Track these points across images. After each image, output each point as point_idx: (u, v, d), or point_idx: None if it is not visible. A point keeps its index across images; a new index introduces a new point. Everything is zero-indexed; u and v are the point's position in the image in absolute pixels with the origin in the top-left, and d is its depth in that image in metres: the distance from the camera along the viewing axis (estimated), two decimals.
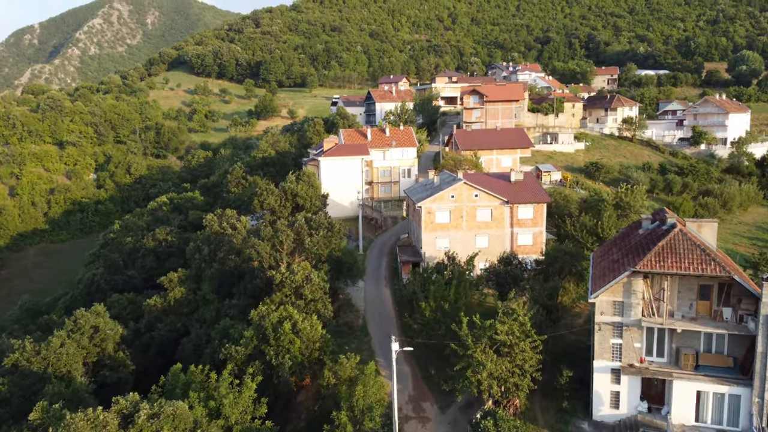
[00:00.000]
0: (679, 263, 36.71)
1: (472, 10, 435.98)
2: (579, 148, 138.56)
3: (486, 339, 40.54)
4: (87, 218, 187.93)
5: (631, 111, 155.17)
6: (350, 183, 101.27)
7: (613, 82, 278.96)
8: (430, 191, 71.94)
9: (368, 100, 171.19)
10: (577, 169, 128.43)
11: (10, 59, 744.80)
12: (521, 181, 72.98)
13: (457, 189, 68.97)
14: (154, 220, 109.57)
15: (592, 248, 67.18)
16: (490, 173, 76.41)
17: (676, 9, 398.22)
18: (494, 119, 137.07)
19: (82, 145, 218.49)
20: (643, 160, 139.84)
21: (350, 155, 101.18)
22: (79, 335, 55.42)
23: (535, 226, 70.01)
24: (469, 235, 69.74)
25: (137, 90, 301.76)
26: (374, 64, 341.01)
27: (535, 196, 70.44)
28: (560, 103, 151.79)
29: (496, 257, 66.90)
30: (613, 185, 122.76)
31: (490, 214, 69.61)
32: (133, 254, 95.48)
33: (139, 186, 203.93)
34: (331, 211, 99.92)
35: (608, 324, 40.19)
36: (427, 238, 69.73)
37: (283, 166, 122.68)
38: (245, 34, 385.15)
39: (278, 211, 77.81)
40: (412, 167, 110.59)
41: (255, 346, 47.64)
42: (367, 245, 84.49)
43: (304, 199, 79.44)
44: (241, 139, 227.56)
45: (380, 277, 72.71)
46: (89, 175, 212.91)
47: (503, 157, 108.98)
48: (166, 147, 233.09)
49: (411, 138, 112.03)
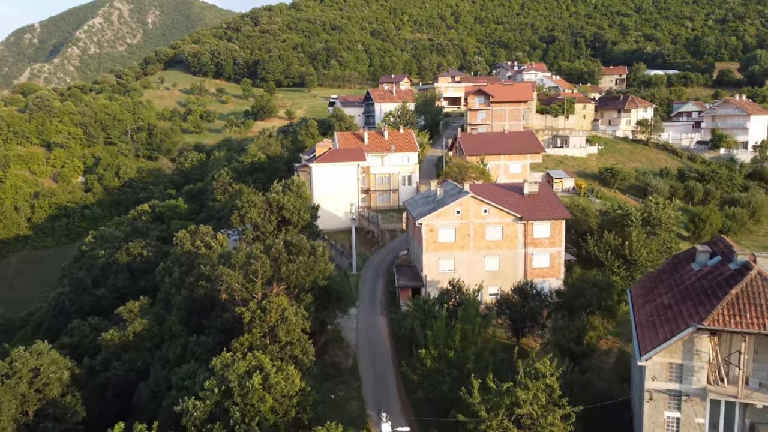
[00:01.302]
0: (763, 320, 27.87)
1: (475, 8, 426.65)
2: (591, 152, 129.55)
3: (504, 409, 31.66)
4: (73, 224, 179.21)
5: (646, 112, 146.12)
6: (345, 191, 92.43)
7: (622, 82, 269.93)
8: (433, 205, 63.10)
9: (367, 101, 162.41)
10: (590, 175, 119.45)
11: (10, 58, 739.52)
12: (536, 194, 64.07)
13: (463, 203, 60.10)
14: (132, 231, 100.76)
15: (619, 272, 58.39)
16: (501, 184, 67.58)
17: (684, 8, 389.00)
18: (501, 121, 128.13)
19: (70, 146, 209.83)
20: (659, 165, 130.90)
21: (345, 161, 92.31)
22: (15, 380, 46.71)
23: (553, 246, 61.11)
24: (476, 256, 60.87)
25: (131, 90, 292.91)
26: (375, 63, 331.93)
27: (553, 211, 61.55)
28: (571, 104, 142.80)
29: (508, 282, 58.19)
30: (631, 193, 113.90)
31: (502, 232, 60.73)
32: (107, 270, 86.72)
33: (129, 190, 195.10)
34: (324, 222, 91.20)
35: (662, 392, 31.31)
36: (428, 259, 60.90)
37: (275, 172, 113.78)
38: (243, 32, 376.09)
39: (261, 226, 69.00)
40: (412, 174, 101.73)
41: (217, 401, 38.83)
42: (361, 263, 75.62)
43: (291, 213, 70.58)
44: (237, 140, 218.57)
45: (375, 303, 63.90)
46: (77, 178, 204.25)
47: (512, 163, 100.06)
48: (159, 149, 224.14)
49: (412, 142, 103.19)
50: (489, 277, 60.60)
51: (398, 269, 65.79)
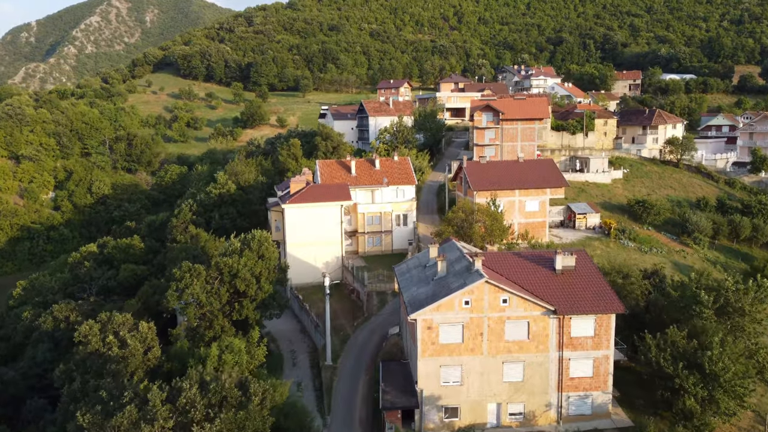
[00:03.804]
0: None
1: (479, 8, 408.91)
2: (616, 177, 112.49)
3: None
4: (37, 247, 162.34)
5: (675, 129, 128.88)
6: (325, 237, 75.72)
7: (636, 88, 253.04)
8: (431, 287, 46.18)
9: (361, 113, 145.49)
10: (616, 206, 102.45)
11: (6, 57, 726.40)
12: (571, 270, 47.16)
13: (474, 291, 43.23)
14: (72, 279, 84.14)
15: (695, 392, 41.46)
16: (524, 254, 50.62)
17: (698, 8, 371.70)
18: (512, 141, 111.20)
19: (40, 159, 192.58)
20: (694, 192, 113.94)
21: (325, 201, 75.40)
22: None
23: (598, 349, 44.25)
24: (492, 363, 44.01)
25: (114, 95, 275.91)
26: (374, 65, 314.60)
27: (598, 299, 44.67)
28: (591, 120, 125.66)
29: (535, 398, 41.79)
30: (666, 230, 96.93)
31: (527, 329, 43.88)
32: (30, 334, 70.01)
33: (102, 208, 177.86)
34: (299, 275, 74.62)
35: None
36: (425, 367, 44.07)
37: (247, 205, 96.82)
38: (236, 33, 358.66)
39: (207, 305, 52.12)
40: (409, 213, 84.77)
41: None
42: (339, 347, 58.48)
43: (248, 283, 53.78)
44: (222, 151, 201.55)
45: (353, 421, 46.95)
46: (47, 193, 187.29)
47: (528, 200, 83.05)
48: (138, 160, 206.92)
49: (408, 172, 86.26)
50: (509, 391, 43.87)
51: (385, 369, 48.74)
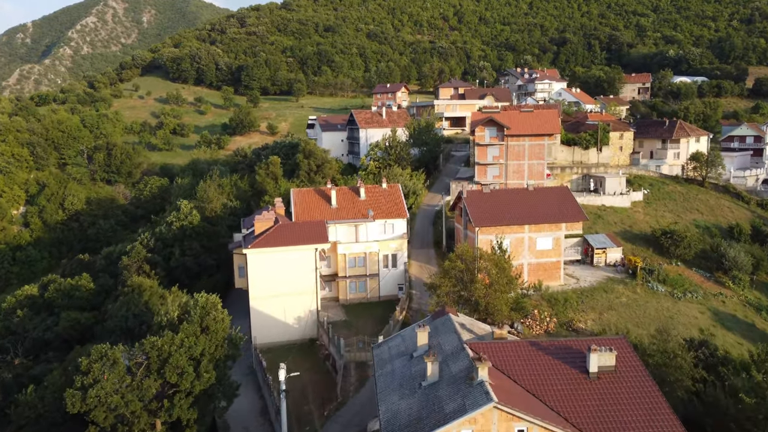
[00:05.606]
0: None
1: (480, 8, 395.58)
2: (636, 199, 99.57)
3: None
4: (1, 269, 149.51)
5: (698, 143, 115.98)
6: (297, 287, 62.87)
7: (646, 91, 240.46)
8: (417, 397, 33.34)
9: (351, 125, 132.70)
10: (639, 236, 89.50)
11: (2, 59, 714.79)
12: (611, 372, 34.35)
13: (478, 420, 30.36)
14: (3, 331, 71.75)
15: None
16: (544, 345, 37.65)
17: (706, 7, 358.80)
18: (518, 160, 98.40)
19: (11, 171, 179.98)
20: (723, 216, 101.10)
21: (297, 244, 62.45)
22: None
23: None
24: None
25: (98, 100, 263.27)
26: (371, 68, 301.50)
27: (650, 420, 31.87)
28: (605, 134, 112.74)
29: None
30: (697, 265, 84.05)
31: None
32: None
33: (76, 225, 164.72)
34: (265, 333, 62.04)
35: None
36: None
37: (214, 238, 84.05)
38: (228, 34, 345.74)
39: (122, 408, 39.28)
40: (398, 252, 71.84)
41: None
42: None
43: (181, 372, 40.95)
44: (206, 162, 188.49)
45: None
46: (18, 209, 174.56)
47: (540, 236, 70.26)
48: (118, 171, 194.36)
49: (398, 203, 73.44)
50: None
51: None
